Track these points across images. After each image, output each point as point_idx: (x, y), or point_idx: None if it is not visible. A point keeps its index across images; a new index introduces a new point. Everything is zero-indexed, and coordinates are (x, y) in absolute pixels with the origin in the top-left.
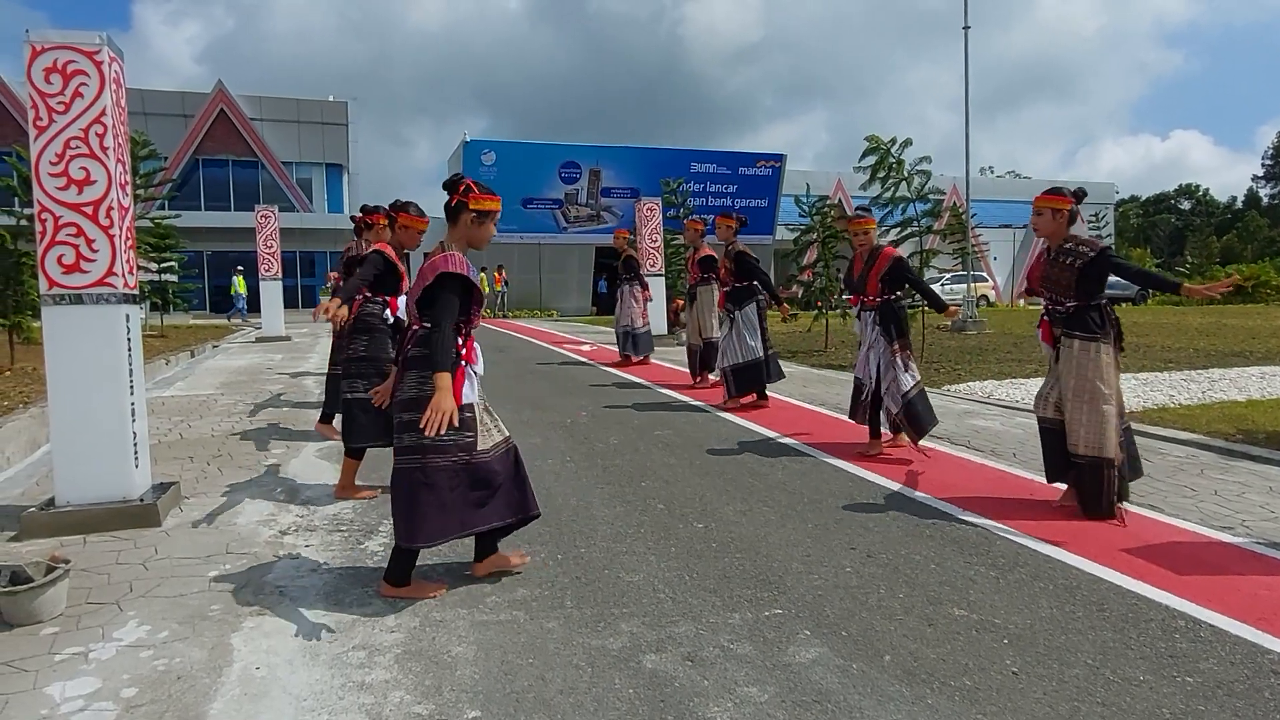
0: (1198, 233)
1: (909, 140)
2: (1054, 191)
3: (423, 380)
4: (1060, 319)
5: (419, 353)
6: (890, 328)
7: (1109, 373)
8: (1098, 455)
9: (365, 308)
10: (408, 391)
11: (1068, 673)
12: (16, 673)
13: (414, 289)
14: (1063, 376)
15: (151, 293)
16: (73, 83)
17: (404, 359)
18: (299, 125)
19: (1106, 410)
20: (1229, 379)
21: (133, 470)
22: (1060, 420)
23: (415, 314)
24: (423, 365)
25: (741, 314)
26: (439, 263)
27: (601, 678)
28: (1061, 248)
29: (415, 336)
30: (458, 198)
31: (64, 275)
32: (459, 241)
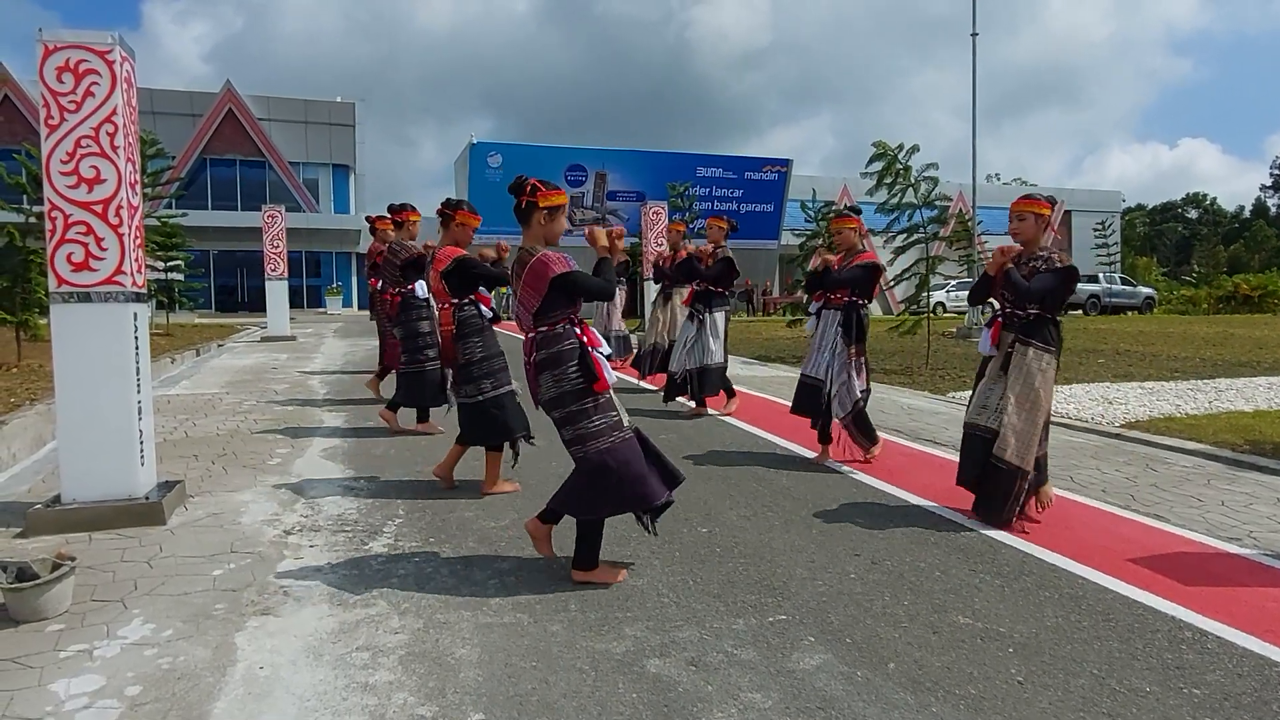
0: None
1: (916, 146)
2: (1030, 197)
3: (556, 378)
4: (1016, 325)
5: (545, 355)
6: (851, 330)
7: (1049, 387)
8: (1019, 465)
9: (463, 312)
10: (547, 393)
11: (1073, 682)
12: (22, 669)
13: (525, 300)
14: (1010, 382)
15: (157, 291)
16: (84, 82)
17: (533, 365)
18: (306, 126)
19: (1038, 423)
20: (1236, 389)
21: (138, 468)
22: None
23: (530, 323)
24: (553, 365)
25: (710, 317)
26: (540, 269)
27: (605, 681)
28: (1034, 255)
29: (535, 342)
30: (526, 198)
31: (73, 273)
32: (537, 240)
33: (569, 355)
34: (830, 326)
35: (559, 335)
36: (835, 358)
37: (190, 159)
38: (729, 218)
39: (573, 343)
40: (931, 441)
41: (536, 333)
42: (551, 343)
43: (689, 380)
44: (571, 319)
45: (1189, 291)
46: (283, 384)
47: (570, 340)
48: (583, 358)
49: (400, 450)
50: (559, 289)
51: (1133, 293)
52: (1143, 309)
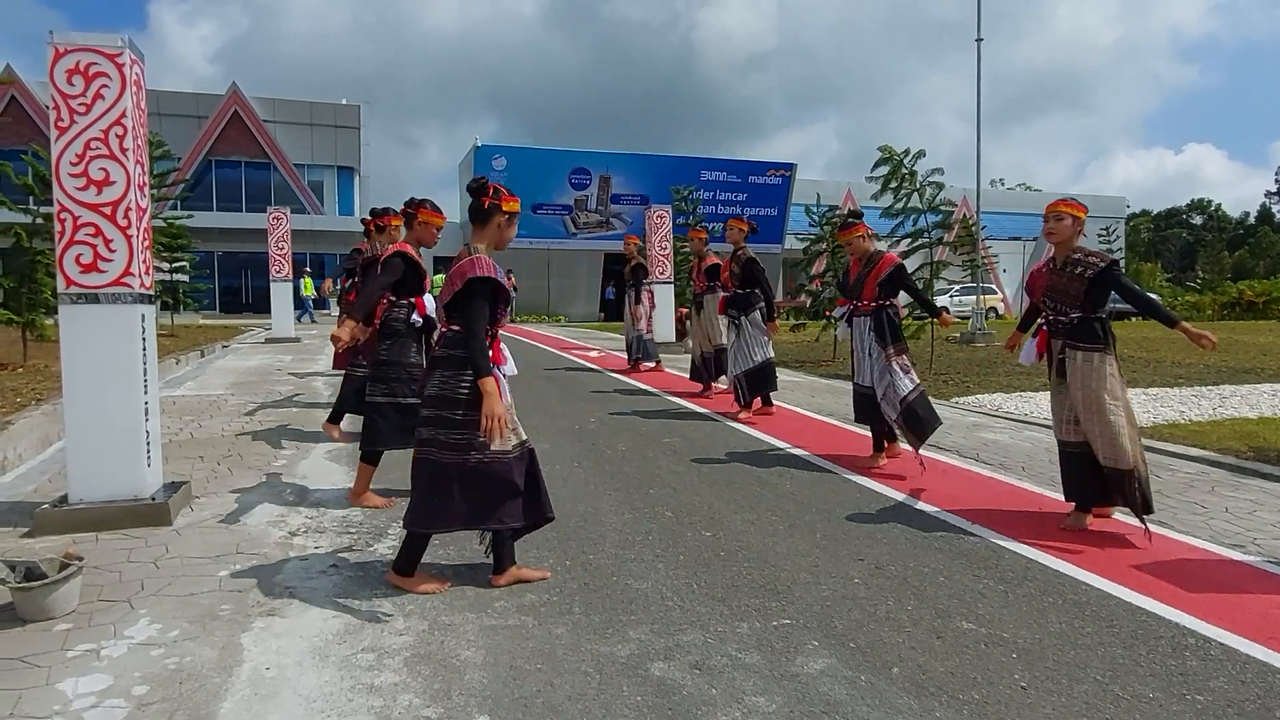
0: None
1: (922, 152)
2: (1067, 200)
3: (445, 379)
4: (1063, 330)
5: (446, 353)
6: (885, 332)
7: (1114, 384)
8: (1117, 467)
9: (390, 312)
10: (432, 389)
11: (1076, 688)
12: (30, 668)
13: (443, 292)
14: (1071, 391)
15: (163, 292)
16: (94, 84)
17: (432, 358)
18: (311, 128)
19: (1115, 421)
20: (1240, 395)
21: (145, 469)
22: (1082, 441)
23: (443, 317)
24: (447, 365)
25: (748, 319)
26: (467, 267)
27: (609, 684)
28: (1070, 258)
29: (444, 338)
30: (489, 200)
31: (81, 274)
32: (487, 243)
33: (466, 365)
34: (865, 333)
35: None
36: (874, 362)
37: (196, 160)
38: (750, 219)
39: None
40: (935, 446)
41: (448, 329)
42: (456, 345)
43: (738, 385)
44: (488, 328)
45: (1193, 298)
46: (287, 385)
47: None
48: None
49: (404, 452)
50: (470, 292)
51: None
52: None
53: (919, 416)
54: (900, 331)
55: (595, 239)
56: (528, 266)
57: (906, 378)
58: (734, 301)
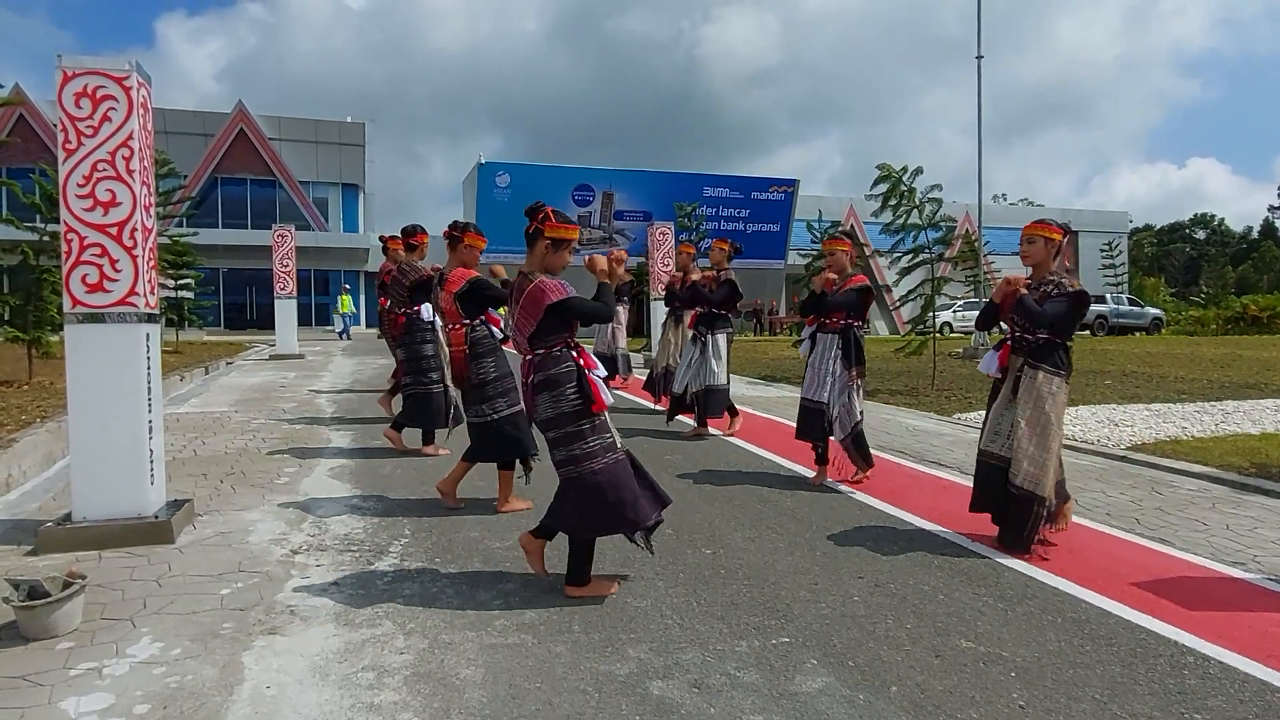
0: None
1: (920, 169)
2: (1043, 221)
3: (554, 399)
4: (1026, 349)
5: (543, 377)
6: (850, 352)
7: (1060, 411)
8: (1033, 491)
9: (476, 332)
10: (544, 413)
11: (1075, 707)
12: (32, 687)
13: (520, 324)
14: (1020, 407)
15: (168, 309)
16: (101, 107)
17: (531, 387)
18: (316, 145)
19: (1052, 447)
20: (1243, 411)
21: (148, 487)
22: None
23: (526, 346)
24: (550, 387)
25: (712, 339)
26: (536, 295)
27: (608, 703)
28: (1045, 279)
29: (533, 365)
30: (535, 224)
31: (87, 294)
32: (537, 266)
33: (567, 377)
34: (829, 350)
35: (557, 358)
36: (836, 380)
37: (202, 178)
38: (732, 240)
39: (570, 365)
40: (936, 463)
41: (534, 355)
42: (549, 365)
43: (695, 401)
44: (568, 342)
45: (1197, 312)
46: (291, 402)
47: (568, 363)
48: (580, 380)
49: (407, 470)
50: (555, 315)
51: (1140, 313)
52: (1150, 330)
53: (864, 444)
54: (863, 354)
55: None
56: None
57: (858, 401)
58: (705, 318)
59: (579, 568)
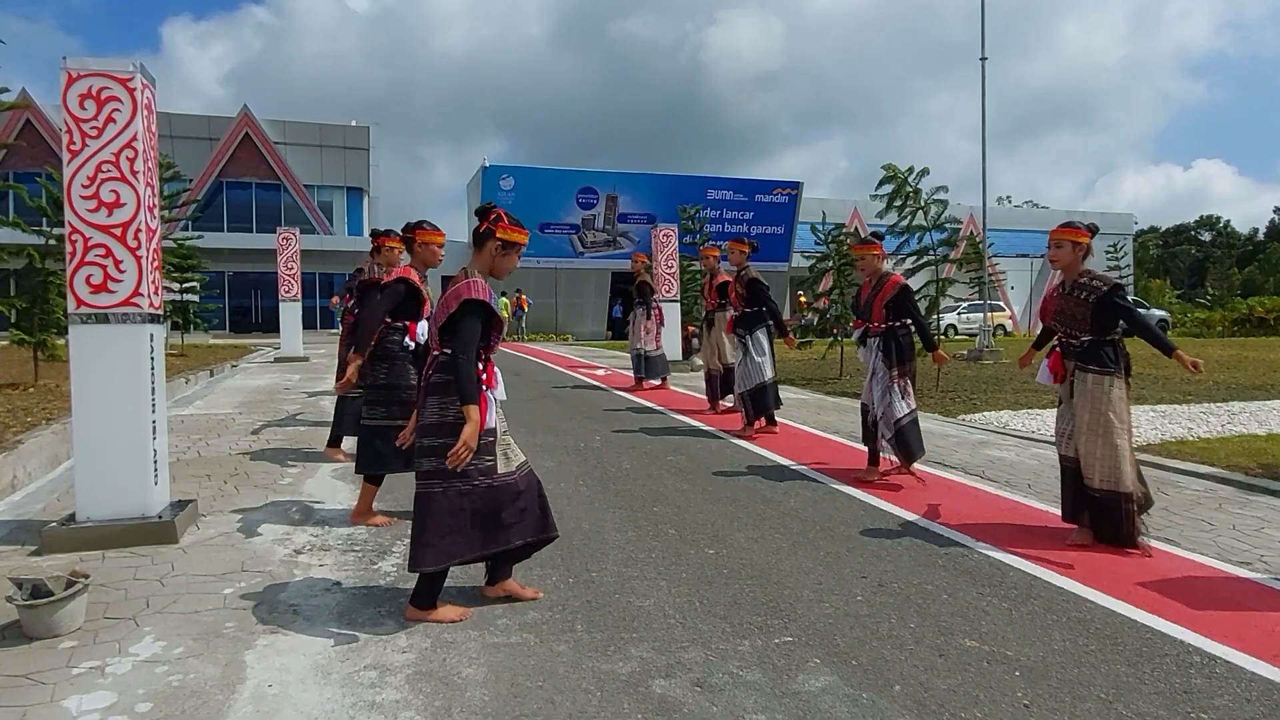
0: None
1: (926, 170)
2: (1070, 225)
3: (443, 406)
4: (1074, 352)
5: (441, 379)
6: (891, 354)
7: (1121, 407)
8: (1114, 489)
9: (386, 335)
10: (429, 417)
11: (1080, 707)
12: (35, 685)
13: (437, 314)
14: (1077, 411)
15: (173, 312)
16: (106, 109)
17: (426, 384)
18: (321, 149)
19: (1120, 444)
20: (1249, 412)
21: (152, 487)
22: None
23: (436, 339)
24: (444, 392)
25: (752, 338)
26: (462, 289)
27: (610, 702)
28: (1076, 282)
29: (436, 362)
30: (486, 225)
31: (92, 295)
32: (482, 268)
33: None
34: (874, 353)
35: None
36: (878, 382)
37: (207, 182)
38: (750, 239)
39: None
40: (941, 464)
41: (440, 352)
42: (449, 370)
43: (744, 403)
44: (480, 350)
45: (1203, 314)
46: (295, 404)
47: None
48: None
49: (406, 473)
50: (464, 312)
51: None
52: None
53: (907, 441)
54: (909, 353)
55: (602, 258)
56: (535, 286)
57: (903, 401)
58: (741, 320)
59: (426, 591)
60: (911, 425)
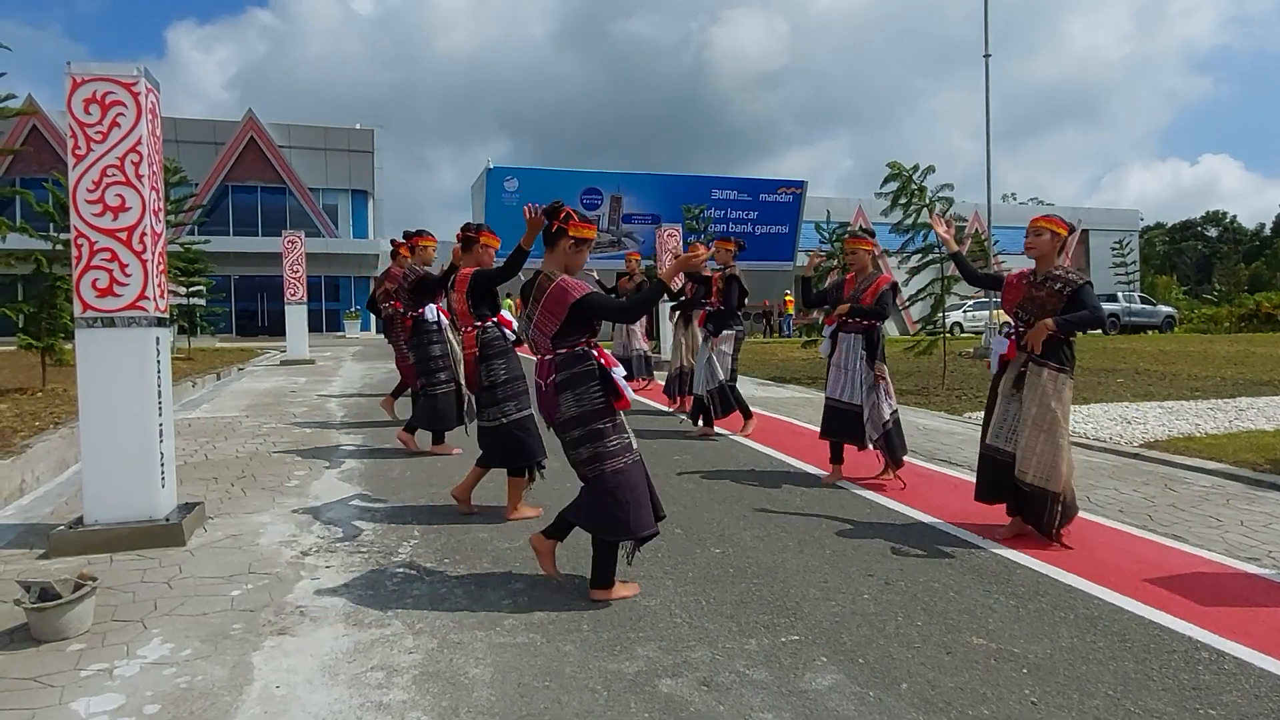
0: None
1: (931, 167)
2: (1051, 216)
3: (579, 397)
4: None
5: (567, 375)
6: (874, 351)
7: (1067, 407)
8: (1045, 487)
9: (487, 333)
10: (568, 412)
11: (1088, 703)
12: (43, 688)
13: (542, 324)
14: (1025, 403)
15: (180, 316)
16: (111, 113)
17: (551, 387)
18: (326, 153)
19: (1061, 444)
20: (1257, 408)
21: (159, 490)
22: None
23: (548, 345)
24: (572, 386)
25: (718, 338)
26: (559, 295)
27: (617, 701)
28: (1050, 274)
29: (554, 364)
30: (558, 224)
31: (98, 299)
32: (558, 266)
33: (590, 376)
34: (853, 350)
35: (579, 356)
36: (863, 380)
37: (213, 186)
38: (737, 239)
39: (592, 364)
40: (947, 461)
41: (555, 354)
42: (572, 363)
43: (710, 401)
44: (589, 341)
45: (1210, 310)
46: (301, 407)
47: (590, 361)
48: (604, 378)
49: (416, 472)
50: (579, 313)
51: (1152, 311)
52: (1163, 328)
53: (894, 442)
54: (883, 352)
55: (607, 259)
56: None
57: (887, 401)
58: (713, 316)
59: (604, 570)
60: (895, 427)
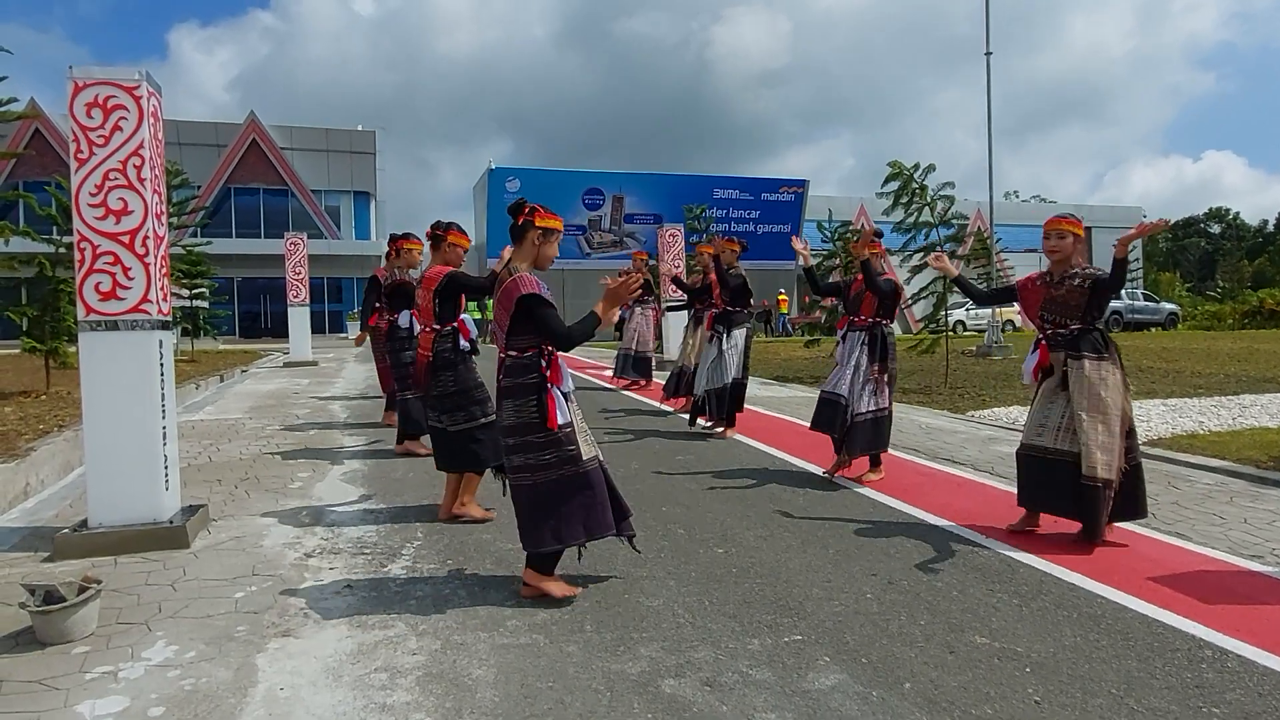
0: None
1: (932, 166)
2: (1066, 217)
3: (518, 407)
4: (1063, 343)
5: (512, 382)
6: (877, 349)
7: (1118, 394)
8: (1107, 476)
9: (439, 342)
10: (507, 419)
11: (1091, 702)
12: (48, 690)
13: (498, 318)
14: (1074, 400)
15: (183, 318)
16: (113, 117)
17: (499, 389)
18: (328, 154)
19: (1117, 432)
20: (1260, 405)
21: (163, 493)
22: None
23: (503, 343)
24: (514, 395)
25: (728, 337)
26: (512, 288)
27: (620, 702)
28: (1068, 272)
29: (504, 366)
30: (524, 217)
31: (101, 302)
32: (525, 261)
33: (529, 390)
34: (855, 345)
35: (526, 366)
36: (860, 373)
37: (215, 188)
38: (740, 238)
39: (535, 378)
40: (950, 460)
41: (506, 355)
42: (517, 373)
43: (708, 401)
44: (540, 348)
45: (1213, 307)
46: (304, 409)
47: (535, 375)
48: (540, 394)
49: (419, 473)
50: (525, 310)
51: (1155, 309)
52: (1166, 325)
53: (854, 436)
54: (892, 353)
55: (610, 259)
56: None
57: (875, 397)
58: (721, 318)
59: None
60: (873, 423)
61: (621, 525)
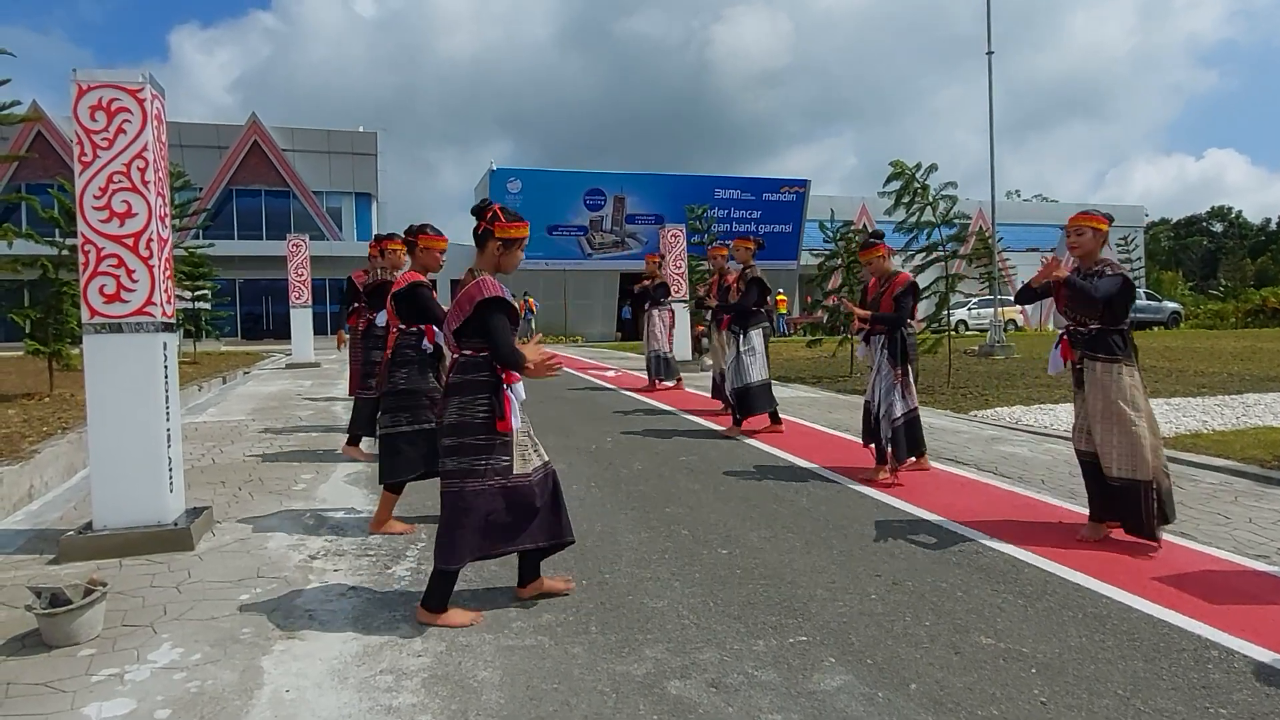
0: (1231, 255)
1: (934, 165)
2: (1090, 212)
3: (463, 406)
4: (1082, 341)
5: (461, 379)
6: (896, 351)
7: (1135, 394)
8: (1132, 477)
9: (402, 339)
10: (449, 417)
11: (1097, 703)
12: (55, 693)
13: (451, 318)
14: (1089, 400)
15: (185, 320)
16: (116, 119)
17: (447, 385)
18: (329, 156)
19: (1136, 431)
20: (1264, 404)
21: (167, 495)
22: (1093, 451)
23: (454, 343)
24: (462, 392)
25: (745, 337)
26: (473, 291)
27: (625, 703)
28: (1091, 269)
29: (456, 364)
30: (484, 225)
31: (105, 305)
32: (488, 266)
33: (483, 388)
34: (878, 350)
35: (478, 364)
36: (882, 379)
37: (217, 190)
38: (756, 237)
39: (488, 376)
40: (954, 460)
41: (460, 354)
42: (469, 370)
43: (732, 401)
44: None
45: (1216, 306)
46: (307, 410)
47: (487, 372)
48: (494, 393)
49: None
50: (482, 314)
51: (1158, 308)
52: (1168, 324)
53: (898, 439)
54: (913, 351)
55: (611, 259)
56: (544, 288)
57: (903, 400)
58: (738, 318)
59: (434, 591)
60: (906, 426)
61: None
